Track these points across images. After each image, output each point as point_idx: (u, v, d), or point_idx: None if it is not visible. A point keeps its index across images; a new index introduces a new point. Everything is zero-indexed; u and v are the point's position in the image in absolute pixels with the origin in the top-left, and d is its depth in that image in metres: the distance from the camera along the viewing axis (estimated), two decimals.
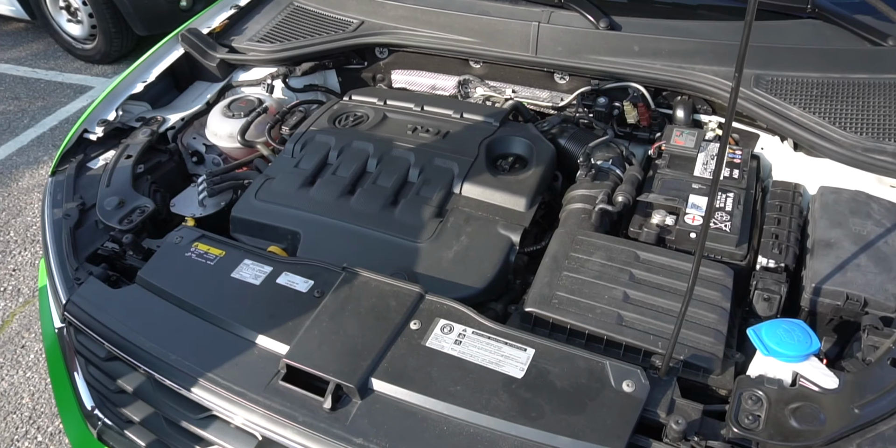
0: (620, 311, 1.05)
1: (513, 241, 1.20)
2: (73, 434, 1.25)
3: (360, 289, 1.07)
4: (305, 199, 1.30)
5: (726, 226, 1.18)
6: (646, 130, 1.49)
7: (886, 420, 0.87)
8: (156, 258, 1.18)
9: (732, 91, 0.70)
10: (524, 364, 0.95)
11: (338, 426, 0.91)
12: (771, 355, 0.93)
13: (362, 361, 0.96)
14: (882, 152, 1.21)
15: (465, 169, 1.31)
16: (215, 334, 1.05)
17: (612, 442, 0.86)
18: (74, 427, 1.25)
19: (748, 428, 0.86)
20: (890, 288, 1.06)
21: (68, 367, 1.26)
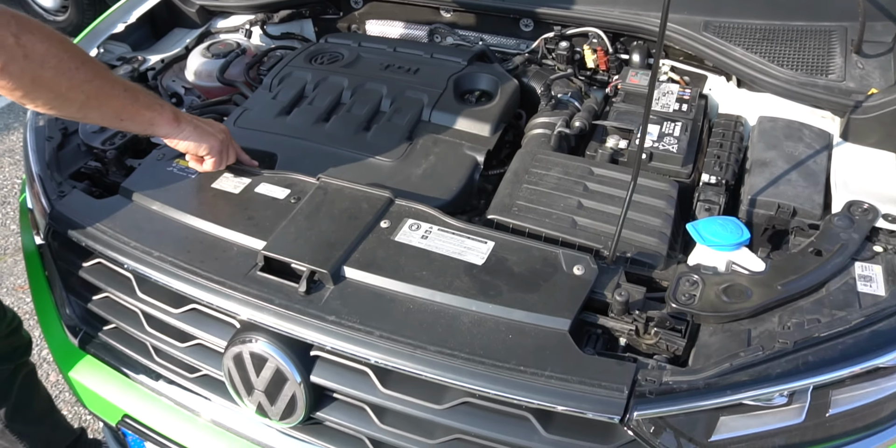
0: (574, 216, 1.14)
1: (477, 160, 1.28)
2: (54, 344, 1.30)
3: (334, 195, 1.14)
4: (282, 124, 1.37)
5: (673, 148, 1.28)
6: (604, 74, 1.59)
7: (806, 297, 0.98)
8: (138, 172, 1.24)
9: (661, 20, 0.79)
10: (485, 254, 1.04)
11: (312, 307, 0.99)
12: (706, 245, 1.03)
13: (335, 252, 1.03)
14: (815, 86, 1.33)
15: (433, 99, 1.39)
16: (196, 235, 1.12)
17: (563, 313, 0.95)
18: (55, 337, 1.30)
19: (684, 304, 0.96)
20: (816, 199, 1.17)
21: (49, 279, 1.31)
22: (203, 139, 1.15)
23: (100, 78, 1.01)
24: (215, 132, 1.17)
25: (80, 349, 1.26)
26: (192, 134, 1.14)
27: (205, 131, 1.15)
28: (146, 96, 1.09)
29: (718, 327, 0.95)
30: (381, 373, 0.97)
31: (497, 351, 0.91)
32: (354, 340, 0.94)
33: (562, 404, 0.86)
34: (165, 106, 1.11)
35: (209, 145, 1.16)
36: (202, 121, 1.18)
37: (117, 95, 1.04)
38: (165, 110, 1.10)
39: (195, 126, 1.14)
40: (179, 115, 1.13)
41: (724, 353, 0.91)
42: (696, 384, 0.87)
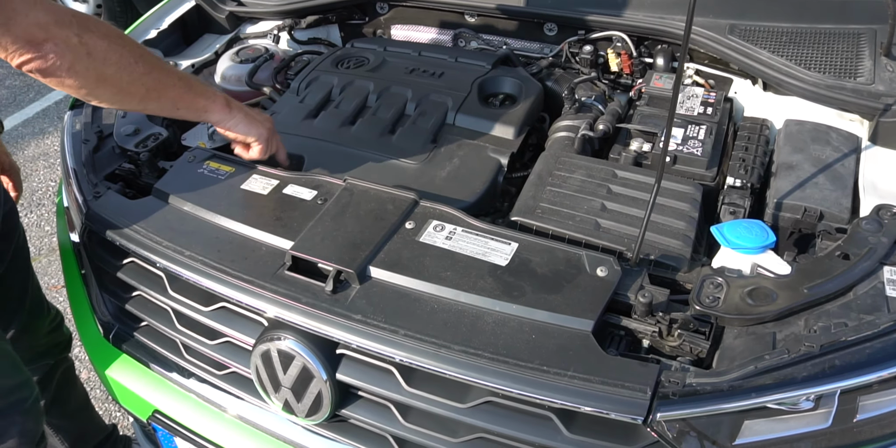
0: (598, 219, 1.15)
1: (501, 163, 1.29)
2: (88, 341, 1.34)
3: (360, 196, 1.16)
4: (309, 127, 1.40)
5: (698, 151, 1.28)
6: (628, 78, 1.59)
7: (833, 300, 0.97)
8: (170, 173, 1.27)
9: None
10: (508, 255, 1.05)
11: (338, 306, 1.01)
12: (731, 248, 1.03)
13: (361, 252, 1.05)
14: (842, 89, 1.31)
15: (458, 103, 1.41)
16: (226, 235, 1.15)
17: (586, 315, 0.95)
18: (89, 334, 1.34)
19: (708, 306, 0.96)
20: (844, 202, 1.16)
21: (84, 278, 1.34)
22: (252, 126, 1.19)
23: (157, 70, 1.05)
24: (263, 121, 1.22)
25: (114, 346, 1.30)
26: (243, 121, 1.18)
27: (254, 119, 1.20)
28: (199, 85, 1.15)
29: (743, 330, 0.95)
30: (406, 371, 0.98)
31: (520, 351, 0.92)
32: (379, 339, 0.96)
33: (585, 404, 0.87)
34: (218, 94, 1.16)
35: (258, 133, 1.20)
36: (251, 110, 1.22)
37: (174, 85, 1.09)
38: (218, 98, 1.16)
39: (245, 114, 1.19)
40: (231, 102, 1.18)
41: (748, 355, 0.90)
42: (720, 386, 0.87)
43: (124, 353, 1.29)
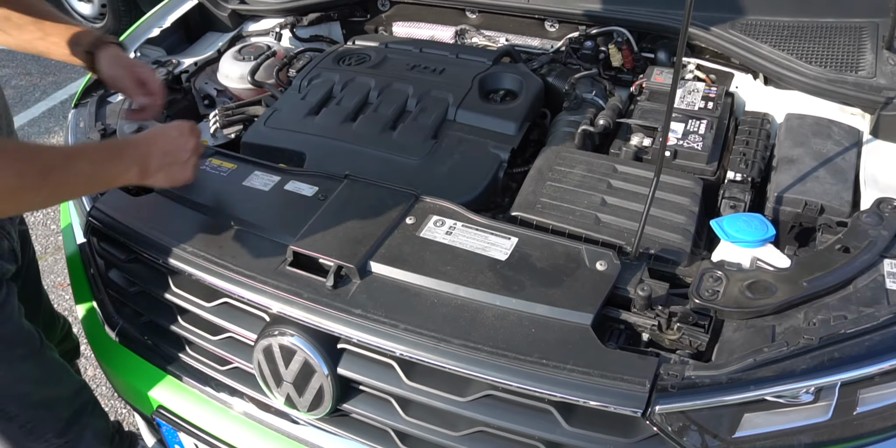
0: (598, 213, 1.15)
1: (502, 158, 1.30)
2: (93, 338, 1.35)
3: (361, 192, 1.17)
4: (311, 124, 1.40)
5: (698, 145, 1.28)
6: (629, 73, 1.59)
7: (832, 293, 0.97)
8: None
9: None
10: (508, 249, 1.05)
11: (339, 300, 1.01)
12: (731, 241, 1.03)
13: (362, 247, 1.06)
14: (843, 82, 1.31)
15: (458, 99, 1.41)
16: (228, 231, 1.15)
17: (585, 308, 0.96)
18: (94, 330, 1.35)
19: (708, 299, 0.96)
20: (844, 196, 1.16)
21: (88, 275, 1.36)
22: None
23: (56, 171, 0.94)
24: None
25: (118, 342, 1.31)
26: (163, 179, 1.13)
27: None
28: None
29: (742, 323, 0.95)
30: (406, 365, 0.99)
31: (520, 344, 0.92)
32: (380, 333, 0.97)
33: (584, 397, 0.87)
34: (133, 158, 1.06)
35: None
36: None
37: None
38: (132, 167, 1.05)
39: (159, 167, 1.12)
40: (146, 167, 1.07)
41: (747, 348, 0.90)
42: (719, 379, 0.87)
43: (128, 349, 1.30)
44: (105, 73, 1.29)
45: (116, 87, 1.30)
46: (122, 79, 1.28)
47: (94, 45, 1.27)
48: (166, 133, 1.11)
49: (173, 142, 1.10)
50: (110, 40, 1.30)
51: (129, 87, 1.29)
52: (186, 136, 1.12)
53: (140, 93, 1.30)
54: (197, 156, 1.15)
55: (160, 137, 1.10)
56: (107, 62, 1.28)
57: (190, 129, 1.13)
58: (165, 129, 1.12)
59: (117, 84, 1.30)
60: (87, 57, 1.28)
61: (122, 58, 1.30)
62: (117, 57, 1.29)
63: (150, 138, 1.10)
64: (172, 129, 1.12)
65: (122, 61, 1.29)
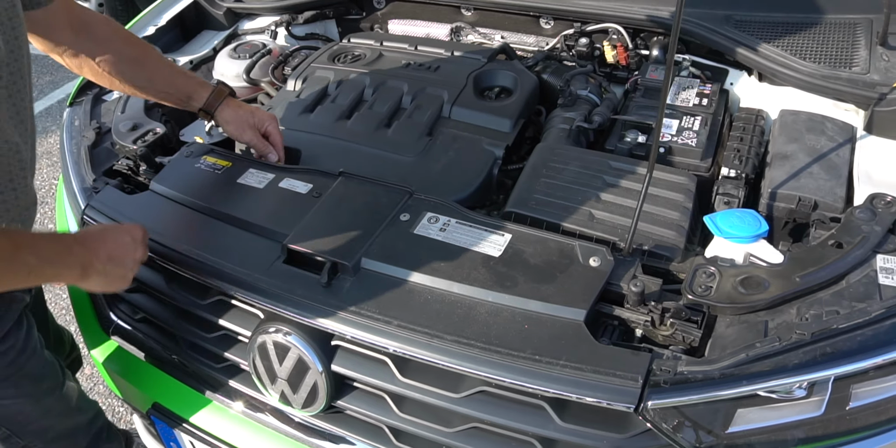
0: (592, 210, 1.15)
1: (496, 155, 1.30)
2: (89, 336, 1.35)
3: (355, 189, 1.17)
4: (306, 122, 1.40)
5: (692, 141, 1.28)
6: (624, 70, 1.59)
7: (825, 289, 0.97)
8: (167, 168, 1.29)
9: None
10: (502, 246, 1.05)
11: (333, 297, 1.01)
12: (724, 237, 1.03)
13: (356, 244, 1.06)
14: (837, 79, 1.31)
15: (453, 96, 1.41)
16: (222, 229, 1.15)
17: (578, 304, 0.96)
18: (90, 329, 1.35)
19: (701, 295, 0.96)
20: (838, 191, 1.16)
21: None
22: None
23: None
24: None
25: (113, 340, 1.31)
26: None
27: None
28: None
29: (735, 319, 0.95)
30: (400, 362, 0.99)
31: (513, 340, 0.93)
32: (373, 330, 0.97)
33: (576, 393, 0.87)
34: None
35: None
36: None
37: None
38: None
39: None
40: (88, 269, 1.00)
41: (740, 344, 0.91)
42: (712, 374, 0.87)
43: (124, 347, 1.30)
44: (230, 131, 1.33)
45: (242, 142, 1.33)
46: (248, 137, 1.31)
47: (210, 105, 1.29)
48: (118, 237, 1.05)
49: (122, 248, 1.03)
50: (225, 93, 1.31)
51: (256, 145, 1.31)
52: (137, 243, 1.06)
53: (267, 148, 1.31)
54: (138, 265, 1.07)
55: (111, 240, 1.03)
56: (230, 123, 1.31)
57: (142, 237, 1.08)
58: (119, 232, 1.06)
59: (243, 140, 1.32)
60: (205, 115, 1.32)
61: (243, 115, 1.31)
62: (238, 115, 1.30)
63: (100, 238, 1.03)
64: (125, 234, 1.05)
65: (245, 119, 1.30)
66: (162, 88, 1.28)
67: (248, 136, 1.31)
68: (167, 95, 1.29)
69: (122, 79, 1.23)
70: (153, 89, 1.28)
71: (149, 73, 1.26)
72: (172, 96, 1.29)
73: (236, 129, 1.31)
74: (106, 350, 1.33)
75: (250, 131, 1.31)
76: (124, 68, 1.22)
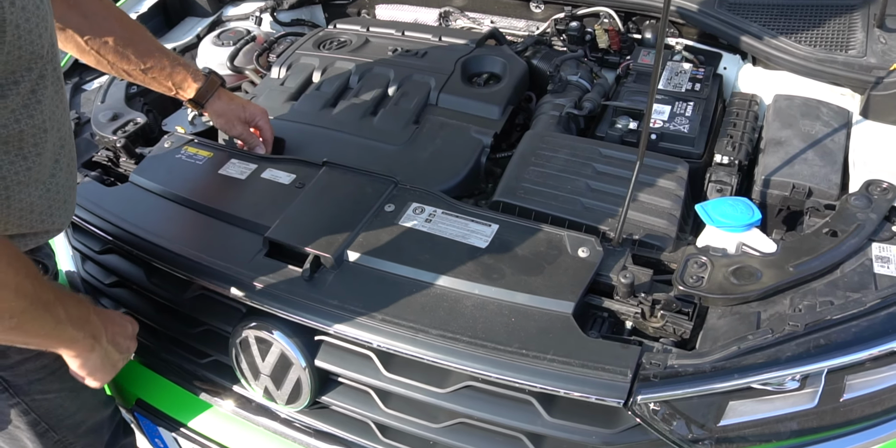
0: (582, 198, 1.12)
1: (484, 143, 1.27)
2: None
3: (339, 179, 1.14)
4: (290, 110, 1.37)
5: (685, 128, 1.25)
6: (616, 55, 1.56)
7: (819, 278, 0.95)
8: (148, 160, 1.25)
9: None
10: (489, 237, 1.03)
11: (315, 291, 0.99)
12: (716, 225, 1.01)
13: (339, 236, 1.03)
14: (833, 62, 1.28)
15: (441, 83, 1.38)
16: (203, 221, 1.13)
17: (566, 297, 0.93)
18: None
19: (692, 286, 0.94)
20: (833, 178, 1.13)
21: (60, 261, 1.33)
22: None
23: None
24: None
25: None
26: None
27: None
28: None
29: (727, 310, 0.93)
30: (385, 357, 0.97)
31: (499, 334, 0.90)
32: (357, 324, 0.94)
33: (564, 388, 0.85)
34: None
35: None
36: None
37: None
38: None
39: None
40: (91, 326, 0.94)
41: (731, 336, 0.88)
42: (703, 367, 0.85)
43: None
44: (220, 125, 1.29)
45: (230, 135, 1.30)
46: (237, 131, 1.28)
47: (201, 96, 1.25)
48: (122, 321, 1.01)
49: (124, 333, 1.00)
50: (217, 85, 1.27)
51: (246, 139, 1.28)
52: (131, 336, 1.02)
53: (256, 141, 1.28)
54: (125, 361, 1.02)
55: (117, 323, 0.99)
56: (220, 116, 1.27)
57: (134, 333, 1.03)
58: (122, 318, 1.02)
59: (232, 134, 1.29)
60: (195, 106, 1.27)
61: (234, 109, 1.27)
62: (229, 108, 1.27)
63: (108, 318, 0.98)
64: (127, 323, 1.02)
65: (236, 113, 1.27)
66: (152, 74, 1.22)
67: (237, 130, 1.27)
68: (156, 82, 1.24)
69: (110, 59, 1.17)
70: (141, 74, 1.21)
71: (139, 57, 1.19)
72: (162, 84, 1.24)
73: (226, 123, 1.27)
74: None
75: (240, 126, 1.27)
76: (113, 49, 1.16)
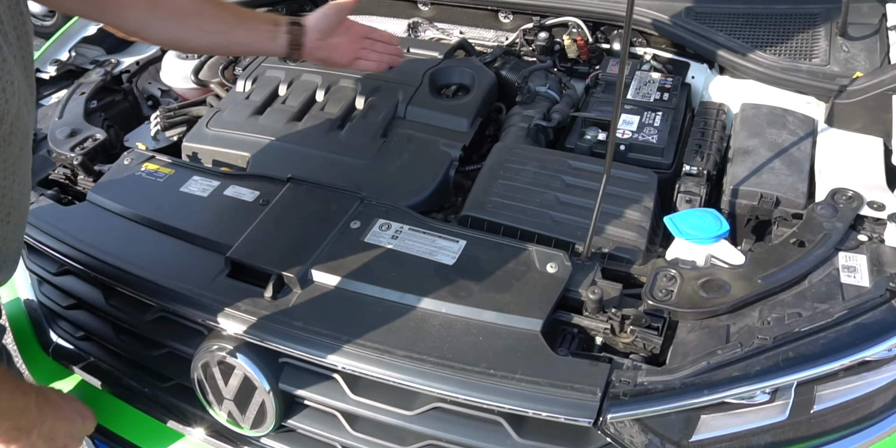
0: (551, 211, 1.11)
1: (452, 156, 1.25)
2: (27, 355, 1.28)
3: (304, 195, 1.12)
4: (255, 125, 1.34)
5: (654, 138, 1.24)
6: (585, 65, 1.55)
7: (787, 290, 0.94)
8: (106, 177, 1.22)
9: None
10: (456, 253, 1.01)
11: (278, 313, 0.96)
12: (684, 238, 1.00)
13: (303, 255, 1.01)
14: (797, 71, 1.29)
15: (409, 95, 1.36)
16: (163, 241, 1.10)
17: (534, 314, 0.92)
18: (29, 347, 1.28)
19: (661, 300, 0.93)
20: (800, 187, 1.13)
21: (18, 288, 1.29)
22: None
23: None
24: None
25: (53, 359, 1.24)
26: None
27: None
28: None
29: (696, 324, 0.92)
30: (352, 378, 0.94)
31: (467, 354, 0.88)
32: (321, 346, 0.92)
33: (533, 408, 0.84)
34: None
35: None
36: None
37: None
38: None
39: None
40: None
41: (701, 350, 0.87)
42: (672, 384, 0.84)
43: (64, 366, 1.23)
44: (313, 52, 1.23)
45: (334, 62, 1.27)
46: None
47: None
48: (72, 420, 0.96)
49: (63, 434, 0.94)
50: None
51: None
52: (71, 438, 0.96)
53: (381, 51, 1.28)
54: None
55: (65, 419, 0.94)
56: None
57: (86, 431, 0.99)
58: (74, 416, 0.97)
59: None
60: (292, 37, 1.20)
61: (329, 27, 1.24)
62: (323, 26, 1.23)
63: (52, 412, 0.93)
64: (78, 422, 0.97)
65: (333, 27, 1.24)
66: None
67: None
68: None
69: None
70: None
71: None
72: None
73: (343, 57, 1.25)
74: (44, 369, 1.25)
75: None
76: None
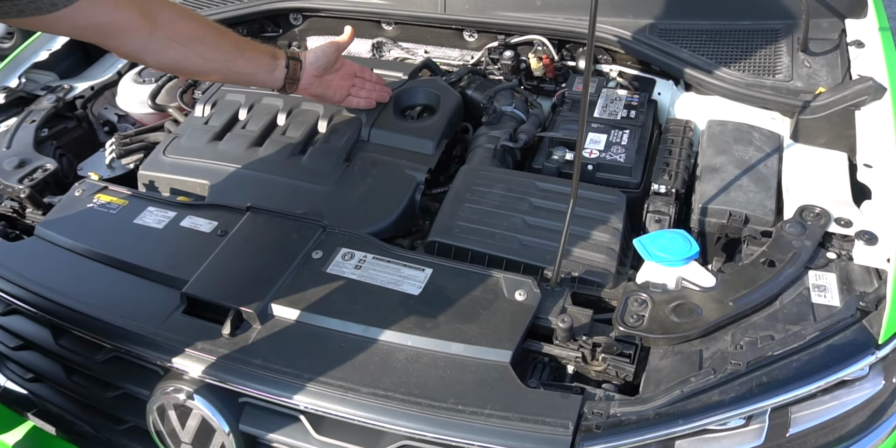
0: (519, 235, 1.08)
1: (418, 179, 1.22)
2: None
3: (263, 225, 1.08)
4: (214, 151, 1.30)
5: (621, 157, 1.23)
6: (552, 82, 1.54)
7: (759, 311, 0.93)
8: (55, 210, 1.17)
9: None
10: (422, 282, 0.98)
11: (237, 351, 0.92)
12: (654, 261, 0.98)
13: (263, 289, 0.97)
14: (762, 87, 1.29)
15: (372, 117, 1.33)
16: (116, 277, 1.05)
17: (504, 344, 0.89)
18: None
19: (632, 326, 0.91)
20: (768, 204, 1.12)
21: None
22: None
23: None
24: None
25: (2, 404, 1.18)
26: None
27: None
28: None
29: (669, 350, 0.90)
30: (315, 418, 0.90)
31: (434, 389, 0.85)
32: (283, 385, 0.88)
33: (504, 444, 0.80)
34: None
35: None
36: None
37: None
38: None
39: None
40: None
41: (675, 377, 0.85)
42: (646, 414, 0.81)
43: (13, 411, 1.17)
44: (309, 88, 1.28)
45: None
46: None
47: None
48: None
49: None
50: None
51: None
52: None
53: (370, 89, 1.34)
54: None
55: None
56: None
57: None
58: None
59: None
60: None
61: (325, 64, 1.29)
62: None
63: None
64: None
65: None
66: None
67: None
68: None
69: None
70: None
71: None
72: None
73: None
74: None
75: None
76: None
